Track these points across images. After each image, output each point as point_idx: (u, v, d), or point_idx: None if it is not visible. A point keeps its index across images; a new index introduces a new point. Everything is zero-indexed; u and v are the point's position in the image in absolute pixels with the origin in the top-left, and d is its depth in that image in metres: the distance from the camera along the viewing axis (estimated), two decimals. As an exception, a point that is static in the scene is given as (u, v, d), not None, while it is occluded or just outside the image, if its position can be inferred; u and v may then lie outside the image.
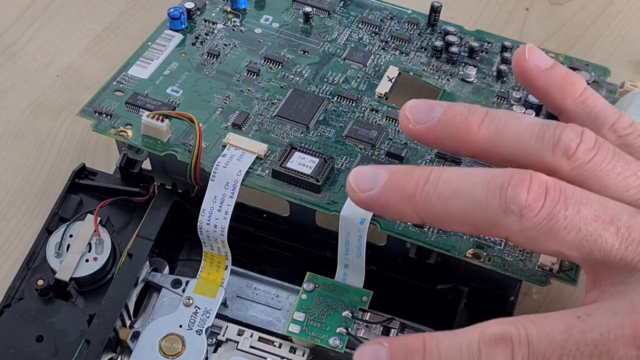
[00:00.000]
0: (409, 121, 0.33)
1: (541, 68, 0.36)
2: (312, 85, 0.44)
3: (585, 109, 0.34)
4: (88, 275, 0.38)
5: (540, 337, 0.28)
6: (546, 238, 0.29)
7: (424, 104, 0.33)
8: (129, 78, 0.43)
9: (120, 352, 0.37)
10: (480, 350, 0.28)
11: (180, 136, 0.40)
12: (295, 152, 0.39)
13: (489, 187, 0.29)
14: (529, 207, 0.29)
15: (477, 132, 0.32)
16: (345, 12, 0.49)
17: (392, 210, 0.31)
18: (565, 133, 0.31)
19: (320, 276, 0.38)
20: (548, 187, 0.29)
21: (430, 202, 0.30)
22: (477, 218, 0.30)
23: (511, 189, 0.29)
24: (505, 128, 0.32)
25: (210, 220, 0.37)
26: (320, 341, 0.36)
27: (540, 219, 0.29)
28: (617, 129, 0.33)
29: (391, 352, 0.29)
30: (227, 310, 0.39)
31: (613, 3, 0.58)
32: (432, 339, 0.29)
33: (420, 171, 0.31)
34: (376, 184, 0.31)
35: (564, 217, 0.29)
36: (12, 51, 0.52)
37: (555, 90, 0.35)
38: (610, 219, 0.29)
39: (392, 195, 0.31)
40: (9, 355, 0.36)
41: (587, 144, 0.31)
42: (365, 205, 0.32)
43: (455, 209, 0.30)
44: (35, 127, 0.48)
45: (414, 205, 0.30)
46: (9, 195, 0.45)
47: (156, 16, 0.53)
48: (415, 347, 0.29)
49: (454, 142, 0.33)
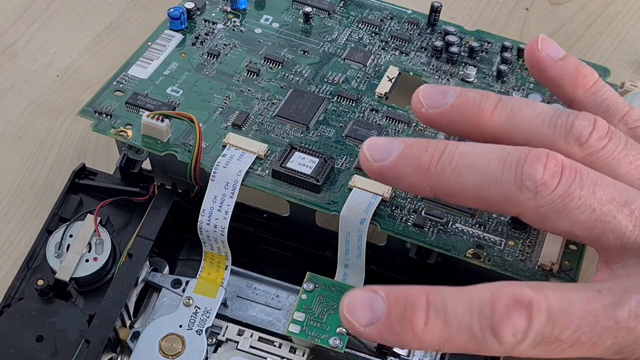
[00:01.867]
0: (421, 105, 0.33)
1: (554, 58, 0.36)
2: (312, 85, 0.44)
3: (597, 100, 0.35)
4: (88, 275, 0.38)
5: (560, 306, 0.27)
6: (559, 217, 0.29)
7: (437, 89, 0.33)
8: (129, 78, 0.43)
9: (120, 352, 0.37)
10: (494, 310, 0.27)
11: (180, 136, 0.40)
12: (295, 152, 0.39)
13: (505, 163, 0.29)
14: (545, 184, 0.29)
15: (489, 117, 0.32)
16: (345, 12, 0.49)
17: (406, 181, 0.31)
18: (578, 120, 0.31)
19: (320, 276, 0.38)
20: (564, 166, 0.29)
21: (445, 174, 0.30)
22: (491, 193, 0.30)
23: (527, 165, 0.29)
24: (518, 114, 0.32)
25: (210, 220, 0.37)
26: (320, 341, 0.36)
27: (555, 197, 0.29)
28: (628, 121, 0.33)
29: (389, 303, 0.28)
30: (227, 310, 0.39)
31: (613, 3, 0.58)
32: (437, 292, 0.28)
33: (436, 143, 0.31)
34: (390, 154, 0.31)
35: (579, 197, 0.29)
36: (12, 51, 0.52)
37: (567, 80, 0.35)
38: (624, 201, 0.29)
39: (407, 166, 0.31)
40: (9, 355, 0.36)
41: (600, 131, 0.31)
42: (379, 176, 0.32)
43: (470, 182, 0.30)
44: (35, 127, 0.48)
45: (428, 178, 0.30)
46: (9, 195, 0.45)
47: (156, 16, 0.53)
48: (417, 300, 0.28)
49: (466, 127, 0.33)
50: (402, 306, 0.28)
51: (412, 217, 0.38)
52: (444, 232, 0.38)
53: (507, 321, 0.27)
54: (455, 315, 0.27)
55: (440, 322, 0.27)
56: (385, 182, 0.33)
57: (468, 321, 0.27)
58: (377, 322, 0.28)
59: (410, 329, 0.27)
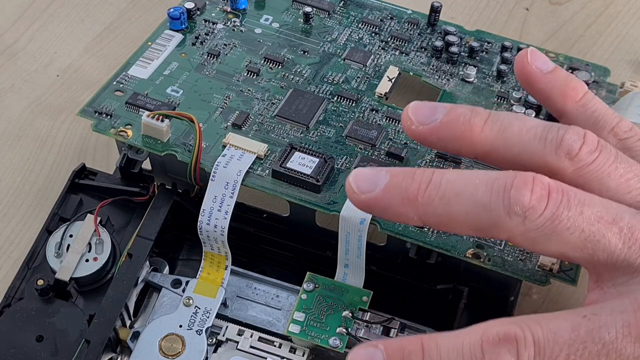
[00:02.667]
0: (411, 122, 0.33)
1: (543, 71, 0.36)
2: (312, 85, 0.44)
3: (586, 112, 0.35)
4: (88, 275, 0.38)
5: (546, 337, 0.28)
6: (549, 239, 0.29)
7: (426, 106, 0.33)
8: (129, 78, 0.43)
9: (120, 352, 0.37)
10: (483, 351, 0.28)
11: (180, 136, 0.40)
12: (295, 152, 0.39)
13: (492, 189, 0.29)
14: (532, 208, 0.29)
15: (479, 133, 0.32)
16: (345, 12, 0.49)
17: (393, 212, 0.31)
18: (568, 134, 0.31)
19: (320, 276, 0.38)
20: (550, 188, 0.29)
21: (433, 204, 0.30)
22: (480, 220, 0.30)
23: (514, 190, 0.29)
24: (508, 129, 0.32)
25: (210, 220, 0.37)
26: (320, 341, 0.36)
27: (543, 220, 0.29)
28: (618, 132, 0.33)
29: (387, 355, 0.29)
30: (227, 310, 0.39)
31: (613, 3, 0.58)
32: (431, 339, 0.29)
33: (422, 172, 0.31)
34: (377, 186, 0.31)
35: (567, 218, 0.29)
36: (12, 51, 0.52)
37: (556, 93, 0.35)
38: (612, 219, 0.29)
39: (394, 196, 0.31)
40: (9, 355, 0.36)
41: (590, 145, 0.31)
42: (366, 207, 0.32)
43: (458, 210, 0.30)
44: (35, 127, 0.48)
45: (416, 207, 0.30)
46: (9, 195, 0.45)
47: (156, 16, 0.53)
48: (412, 348, 0.29)
49: (456, 143, 0.33)
50: (399, 356, 0.29)
51: (412, 217, 0.38)
52: (444, 232, 0.38)
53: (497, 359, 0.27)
54: None
55: None
56: (373, 213, 0.33)
57: None
58: None
59: None
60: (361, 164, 0.40)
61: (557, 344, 0.27)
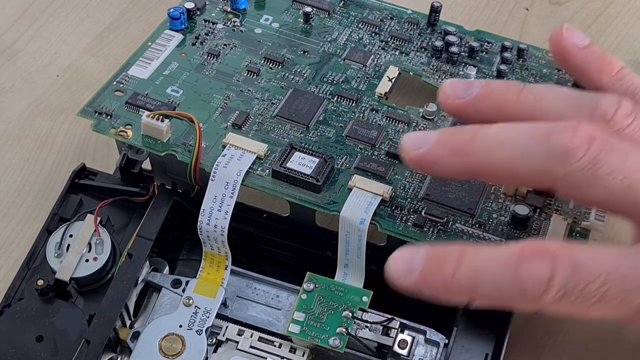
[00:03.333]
0: (447, 96, 0.35)
1: (579, 46, 0.36)
2: (312, 85, 0.44)
3: (622, 86, 0.36)
4: (88, 275, 0.38)
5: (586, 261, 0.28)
6: (591, 184, 0.29)
7: (462, 82, 0.35)
8: (129, 78, 0.43)
9: (120, 352, 0.37)
10: (518, 261, 0.28)
11: (180, 136, 0.40)
12: (295, 152, 0.39)
13: (535, 135, 0.30)
14: (573, 150, 0.29)
15: (515, 101, 0.33)
16: (345, 12, 0.49)
17: (442, 164, 0.32)
18: (604, 99, 0.32)
19: (320, 276, 0.38)
20: (595, 134, 0.30)
21: (478, 153, 0.31)
22: (523, 166, 0.30)
23: (557, 134, 0.30)
24: (543, 98, 0.33)
25: (210, 220, 0.37)
26: (320, 341, 0.36)
27: (584, 163, 0.29)
28: None
29: (427, 256, 0.30)
30: (227, 310, 0.39)
31: (613, 3, 0.58)
32: (472, 246, 0.30)
33: (469, 128, 0.32)
34: (427, 142, 0.33)
35: (609, 163, 0.29)
36: (12, 51, 0.52)
37: (592, 68, 0.36)
38: None
39: (442, 150, 0.32)
40: (9, 355, 0.36)
41: (625, 110, 0.32)
42: (417, 163, 0.33)
43: (502, 158, 0.31)
44: (35, 127, 0.48)
45: (462, 158, 0.32)
46: (9, 195, 0.45)
47: (156, 16, 0.53)
48: (452, 252, 0.30)
49: (492, 112, 0.34)
50: (438, 258, 0.30)
51: (412, 217, 0.38)
52: (444, 232, 0.38)
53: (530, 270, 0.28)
54: (482, 265, 0.29)
55: (469, 272, 0.29)
56: (424, 169, 0.35)
57: (494, 270, 0.29)
58: (415, 272, 0.31)
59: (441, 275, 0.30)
60: (361, 164, 0.40)
61: (595, 270, 0.28)
